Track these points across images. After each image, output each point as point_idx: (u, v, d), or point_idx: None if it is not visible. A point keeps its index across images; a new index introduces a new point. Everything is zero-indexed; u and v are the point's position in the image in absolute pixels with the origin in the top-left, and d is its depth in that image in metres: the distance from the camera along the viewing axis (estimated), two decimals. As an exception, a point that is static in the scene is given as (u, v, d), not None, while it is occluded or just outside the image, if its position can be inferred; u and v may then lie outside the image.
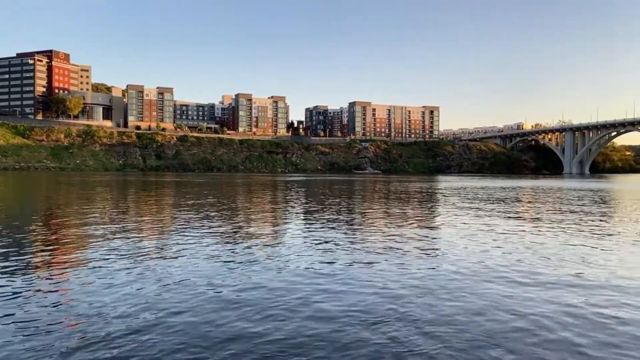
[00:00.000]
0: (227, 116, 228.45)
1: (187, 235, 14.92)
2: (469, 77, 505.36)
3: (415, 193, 43.05)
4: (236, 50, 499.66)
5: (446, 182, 74.59)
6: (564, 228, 17.76)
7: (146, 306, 7.44)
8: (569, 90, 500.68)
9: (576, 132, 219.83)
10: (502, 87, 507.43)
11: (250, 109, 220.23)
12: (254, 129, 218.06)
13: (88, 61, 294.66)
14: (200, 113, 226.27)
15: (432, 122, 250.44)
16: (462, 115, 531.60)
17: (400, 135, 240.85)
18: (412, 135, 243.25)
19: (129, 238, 14.31)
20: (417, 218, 21.20)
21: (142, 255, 11.54)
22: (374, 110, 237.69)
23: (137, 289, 8.43)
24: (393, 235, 15.51)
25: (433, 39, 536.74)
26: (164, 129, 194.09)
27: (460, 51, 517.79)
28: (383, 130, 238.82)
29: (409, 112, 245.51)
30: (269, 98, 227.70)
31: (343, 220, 20.13)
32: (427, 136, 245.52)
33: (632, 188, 60.08)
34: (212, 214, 22.04)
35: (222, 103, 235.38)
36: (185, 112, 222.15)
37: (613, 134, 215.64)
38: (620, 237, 15.67)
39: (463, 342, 6.04)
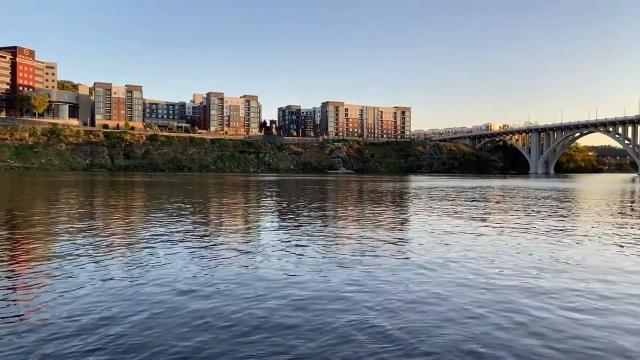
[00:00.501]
0: (199, 115, 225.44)
1: (156, 237, 14.67)
2: (440, 78, 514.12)
3: (388, 193, 43.51)
4: (208, 49, 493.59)
5: (418, 182, 75.67)
6: (528, 227, 18.27)
7: (108, 309, 7.29)
8: (535, 92, 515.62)
9: (542, 133, 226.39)
10: (471, 88, 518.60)
11: (222, 108, 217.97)
12: (225, 129, 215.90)
13: (54, 58, 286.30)
14: (171, 112, 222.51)
15: (403, 123, 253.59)
16: (433, 116, 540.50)
17: (372, 135, 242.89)
18: (385, 136, 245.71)
19: (92, 242, 13.97)
20: (390, 218, 21.43)
21: (107, 259, 11.29)
22: (346, 110, 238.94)
23: (99, 293, 8.25)
24: (365, 236, 15.64)
25: (405, 40, 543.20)
26: (132, 128, 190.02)
27: (432, 52, 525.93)
28: (356, 130, 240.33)
29: (381, 112, 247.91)
30: (241, 97, 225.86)
31: (315, 220, 20.17)
32: (399, 136, 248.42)
33: (594, 188, 62.31)
34: (182, 215, 21.74)
35: (193, 102, 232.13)
36: (155, 110, 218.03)
37: (576, 135, 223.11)
38: (582, 235, 16.23)
39: (433, 349, 6.16)
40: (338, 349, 5.86)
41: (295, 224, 18.63)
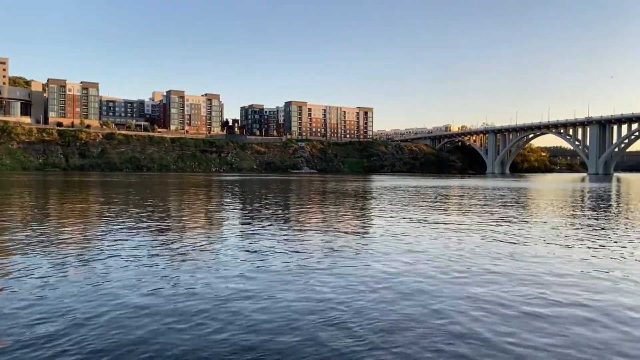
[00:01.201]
0: (158, 113, 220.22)
1: (113, 239, 14.24)
2: (402, 79, 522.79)
3: (352, 193, 43.89)
4: (167, 46, 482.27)
5: (380, 182, 76.70)
6: (485, 225, 18.86)
7: (60, 313, 7.03)
8: (492, 94, 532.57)
9: (498, 134, 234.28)
10: (431, 89, 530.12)
11: (183, 107, 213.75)
12: (186, 127, 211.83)
13: (5, 53, 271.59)
14: (129, 110, 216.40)
15: (366, 123, 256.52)
16: (394, 116, 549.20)
17: (335, 135, 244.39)
18: (348, 136, 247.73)
19: (45, 243, 13.42)
20: (354, 218, 21.63)
21: (60, 261, 10.88)
22: (310, 110, 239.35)
23: (52, 296, 7.94)
24: (328, 236, 15.72)
25: (367, 40, 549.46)
26: (88, 126, 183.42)
27: (394, 53, 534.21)
28: (319, 130, 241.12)
29: (345, 112, 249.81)
30: (202, 95, 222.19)
31: (278, 220, 20.12)
32: (361, 136, 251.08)
33: (546, 187, 64.99)
34: (141, 216, 21.19)
35: (153, 100, 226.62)
36: (112, 108, 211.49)
37: (530, 136, 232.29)
38: (535, 232, 16.91)
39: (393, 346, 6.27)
40: (302, 348, 5.88)
41: (258, 223, 18.51)
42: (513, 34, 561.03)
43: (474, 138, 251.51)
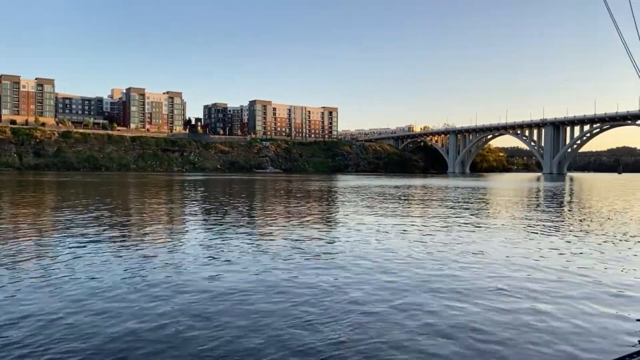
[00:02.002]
0: (117, 111, 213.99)
1: (69, 241, 13.78)
2: (366, 79, 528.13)
3: (317, 192, 44.05)
4: (128, 42, 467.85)
5: (345, 181, 77.28)
6: (447, 223, 19.37)
7: (16, 319, 6.79)
8: (453, 95, 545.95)
9: (458, 135, 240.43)
10: (395, 89, 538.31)
11: (144, 105, 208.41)
12: (147, 126, 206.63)
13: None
14: (87, 107, 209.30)
15: (331, 123, 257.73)
16: (359, 116, 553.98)
17: (300, 135, 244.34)
18: (312, 135, 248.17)
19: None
20: (319, 217, 21.74)
21: (16, 266, 10.46)
22: (274, 109, 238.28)
23: (7, 302, 7.65)
24: (292, 237, 15.75)
25: (331, 40, 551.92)
26: (43, 124, 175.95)
27: (358, 53, 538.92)
28: (284, 129, 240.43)
29: (309, 112, 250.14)
30: (164, 93, 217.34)
31: (243, 220, 19.99)
32: (326, 136, 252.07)
33: (504, 186, 67.24)
34: (99, 218, 20.58)
35: (112, 97, 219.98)
36: (69, 106, 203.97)
37: (489, 136, 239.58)
38: (492, 230, 17.52)
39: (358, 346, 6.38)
40: (268, 349, 5.91)
41: (223, 224, 18.34)
42: (473, 38, 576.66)
43: (436, 138, 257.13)
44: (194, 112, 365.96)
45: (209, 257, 11.60)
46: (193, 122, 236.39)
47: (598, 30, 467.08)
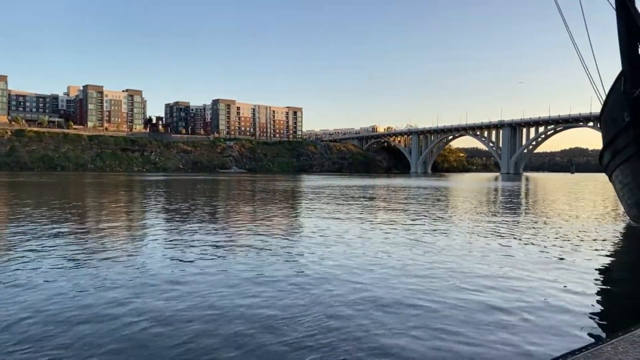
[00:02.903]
0: (74, 109, 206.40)
1: (23, 245, 13.22)
2: (330, 79, 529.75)
3: (282, 192, 43.93)
4: (85, 38, 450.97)
5: (310, 181, 77.39)
6: (410, 223, 19.74)
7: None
8: (415, 96, 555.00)
9: (421, 135, 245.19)
10: (359, 90, 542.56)
11: (102, 102, 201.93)
12: (105, 124, 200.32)
13: None
14: (41, 105, 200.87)
15: (295, 123, 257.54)
16: (323, 116, 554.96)
17: (265, 134, 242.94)
18: (277, 135, 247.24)
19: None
20: (283, 217, 21.70)
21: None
22: (238, 108, 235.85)
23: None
24: (255, 238, 15.67)
25: (295, 40, 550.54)
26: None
27: (322, 53, 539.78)
28: (248, 129, 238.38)
29: (274, 112, 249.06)
30: (123, 91, 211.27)
31: (205, 221, 19.71)
32: (291, 136, 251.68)
33: (464, 186, 69.08)
34: (54, 219, 19.82)
35: (68, 95, 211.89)
36: (22, 103, 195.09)
37: (450, 137, 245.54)
38: (454, 227, 17.98)
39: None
40: (227, 350, 5.87)
41: (184, 225, 18.03)
42: (434, 40, 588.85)
43: (399, 139, 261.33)
44: (155, 110, 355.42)
45: (170, 258, 11.38)
46: (154, 121, 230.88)
47: (552, 33, 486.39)
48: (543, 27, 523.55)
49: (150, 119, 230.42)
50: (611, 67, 15.08)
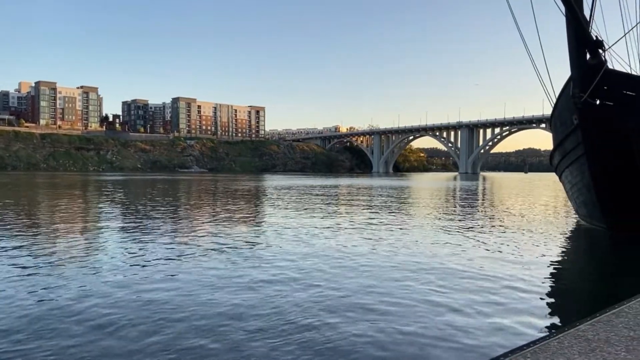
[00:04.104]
0: (25, 106, 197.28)
1: (-30, 248, 12.51)
2: (293, 78, 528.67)
3: (243, 192, 43.49)
4: (37, 32, 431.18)
5: (273, 181, 77.01)
6: (370, 222, 19.98)
7: None
8: (377, 96, 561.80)
9: (382, 136, 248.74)
10: (321, 90, 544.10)
11: (55, 99, 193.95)
12: (59, 122, 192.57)
13: None
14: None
15: (258, 122, 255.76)
16: (286, 116, 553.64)
17: (226, 134, 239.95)
18: (239, 135, 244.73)
19: None
20: (242, 220, 21.48)
21: None
22: (199, 107, 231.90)
23: None
24: (213, 240, 15.46)
25: (258, 39, 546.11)
26: None
27: (285, 52, 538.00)
28: (209, 128, 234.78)
29: (236, 110, 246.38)
30: (78, 88, 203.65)
31: (161, 223, 19.26)
32: (253, 135, 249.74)
33: (425, 185, 70.54)
34: (4, 220, 18.88)
35: (19, 91, 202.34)
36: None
37: (411, 138, 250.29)
38: (412, 228, 18.34)
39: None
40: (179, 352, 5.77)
41: (141, 228, 17.56)
42: (395, 41, 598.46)
43: (361, 139, 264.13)
44: (112, 108, 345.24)
45: (124, 262, 11.04)
46: (110, 119, 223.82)
47: (507, 34, 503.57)
48: (498, 28, 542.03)
49: (106, 117, 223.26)
50: (563, 70, 15.75)
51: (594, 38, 14.27)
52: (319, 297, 8.13)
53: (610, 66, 15.01)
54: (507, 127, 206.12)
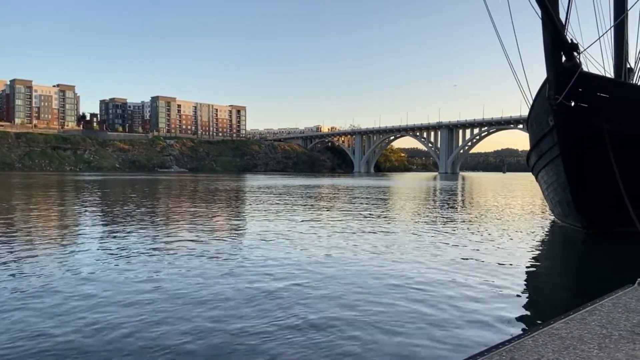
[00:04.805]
0: (0, 105, 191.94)
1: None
2: (274, 78, 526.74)
3: (224, 192, 43.17)
4: (12, 29, 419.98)
5: (254, 181, 76.64)
6: (350, 223, 20.04)
7: None
8: (358, 96, 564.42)
9: (364, 136, 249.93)
10: (303, 90, 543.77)
11: (31, 98, 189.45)
12: (35, 121, 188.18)
13: None
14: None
15: (239, 121, 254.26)
16: (268, 115, 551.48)
17: (207, 133, 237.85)
18: (220, 134, 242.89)
19: None
20: (226, 220, 21.32)
21: None
22: (179, 106, 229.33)
23: None
24: (198, 240, 15.31)
25: (239, 38, 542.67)
26: None
27: (266, 52, 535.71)
28: (189, 127, 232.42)
29: (217, 110, 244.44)
30: (54, 86, 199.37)
31: (143, 225, 18.99)
32: (234, 135, 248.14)
33: (407, 185, 71.12)
34: (-23, 222, 18.34)
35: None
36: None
37: (392, 138, 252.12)
38: (395, 225, 18.47)
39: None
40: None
41: (119, 230, 17.28)
42: (376, 41, 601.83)
43: (343, 139, 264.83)
44: (90, 107, 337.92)
45: (100, 265, 10.85)
46: (88, 118, 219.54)
47: (485, 36, 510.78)
48: (477, 30, 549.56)
49: (84, 116, 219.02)
50: (540, 72, 16.01)
51: (570, 41, 14.56)
52: (300, 297, 8.11)
53: (585, 68, 15.35)
54: (486, 128, 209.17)
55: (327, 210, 25.46)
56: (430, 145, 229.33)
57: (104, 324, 6.75)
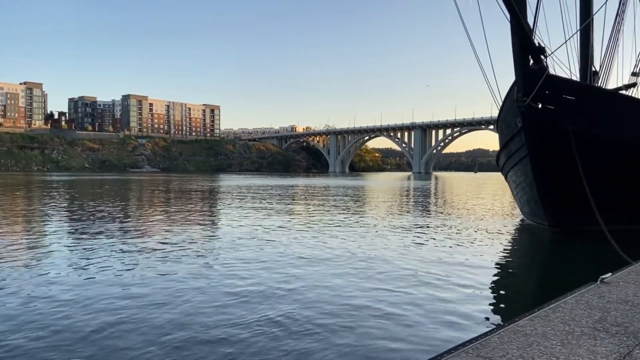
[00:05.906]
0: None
1: None
2: (249, 78, 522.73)
3: (195, 193, 42.60)
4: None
5: (228, 181, 75.89)
6: (324, 223, 20.06)
7: None
8: (333, 96, 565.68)
9: (339, 136, 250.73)
10: (278, 89, 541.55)
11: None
12: (0, 120, 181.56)
13: None
14: None
15: (213, 121, 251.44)
16: (243, 115, 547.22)
17: (180, 133, 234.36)
18: (194, 133, 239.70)
19: None
20: (198, 223, 21.04)
21: None
22: (151, 105, 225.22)
23: None
24: (169, 242, 15.07)
25: (213, 37, 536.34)
26: None
27: (241, 51, 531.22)
28: (162, 126, 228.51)
29: (190, 109, 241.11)
30: (21, 84, 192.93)
31: (112, 227, 18.57)
32: (208, 134, 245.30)
33: (381, 184, 71.68)
34: None
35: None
36: None
37: (366, 138, 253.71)
38: (371, 225, 18.58)
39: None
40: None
41: (89, 232, 16.84)
42: (350, 41, 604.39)
43: (318, 139, 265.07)
44: (58, 106, 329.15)
45: (70, 269, 10.54)
46: (56, 117, 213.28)
47: (458, 38, 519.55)
48: (449, 33, 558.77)
49: (51, 115, 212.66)
50: (510, 75, 16.36)
51: (537, 44, 14.94)
52: (265, 296, 8.06)
53: (552, 71, 15.78)
54: (458, 128, 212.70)
55: (301, 212, 25.42)
56: (404, 145, 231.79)
57: (64, 326, 6.56)
